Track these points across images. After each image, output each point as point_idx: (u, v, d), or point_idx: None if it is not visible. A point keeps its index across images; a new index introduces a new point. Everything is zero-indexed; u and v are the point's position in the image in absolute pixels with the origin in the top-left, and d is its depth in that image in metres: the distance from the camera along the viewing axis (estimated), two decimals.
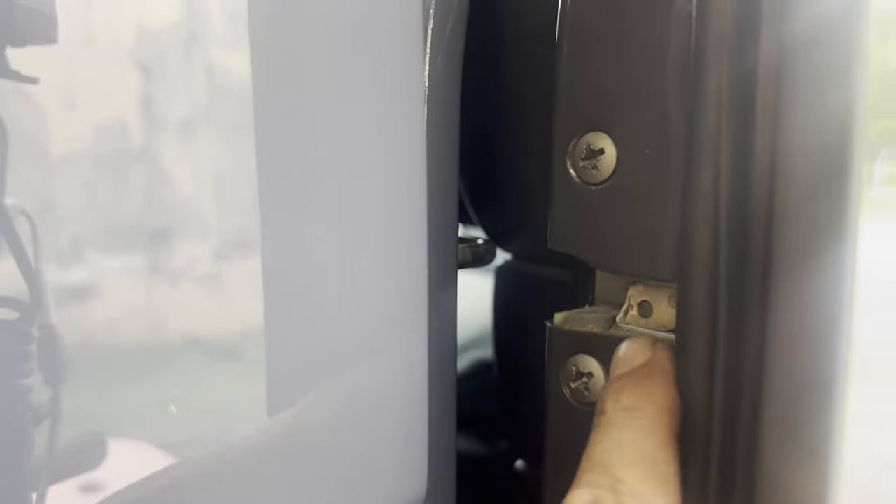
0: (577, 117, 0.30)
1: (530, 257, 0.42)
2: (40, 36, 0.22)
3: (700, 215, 0.26)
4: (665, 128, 0.28)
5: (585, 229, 0.30)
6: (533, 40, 0.36)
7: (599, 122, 0.29)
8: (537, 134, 0.37)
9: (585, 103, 0.30)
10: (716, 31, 0.25)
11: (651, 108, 0.28)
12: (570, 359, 0.31)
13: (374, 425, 0.29)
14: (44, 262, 0.22)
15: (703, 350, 0.26)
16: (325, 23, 0.27)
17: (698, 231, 0.26)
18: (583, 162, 0.30)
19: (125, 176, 0.24)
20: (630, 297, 0.31)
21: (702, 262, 0.26)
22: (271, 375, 0.27)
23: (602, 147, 0.29)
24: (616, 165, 0.29)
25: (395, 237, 0.30)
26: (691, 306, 0.27)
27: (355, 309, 0.29)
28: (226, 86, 0.25)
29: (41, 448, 0.22)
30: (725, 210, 0.26)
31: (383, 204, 0.29)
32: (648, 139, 0.28)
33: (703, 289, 0.26)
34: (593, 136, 0.29)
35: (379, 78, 0.29)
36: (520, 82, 0.38)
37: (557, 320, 0.32)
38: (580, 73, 0.30)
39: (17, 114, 0.22)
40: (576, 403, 0.31)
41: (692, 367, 0.27)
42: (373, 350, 0.29)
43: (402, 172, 0.29)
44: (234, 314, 0.26)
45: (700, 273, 0.26)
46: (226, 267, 0.26)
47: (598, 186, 0.29)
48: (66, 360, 0.23)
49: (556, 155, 0.31)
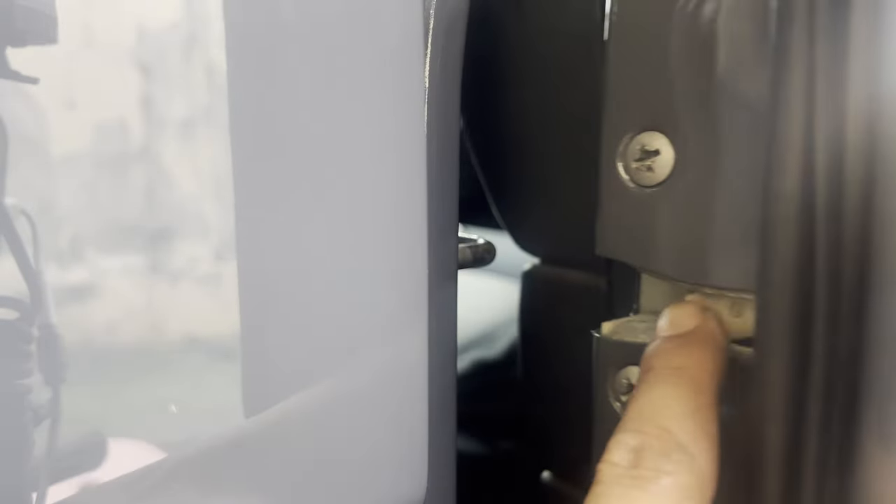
0: (629, 117, 0.28)
1: (560, 262, 0.40)
2: (40, 36, 0.22)
3: (786, 218, 0.24)
4: (731, 126, 0.26)
5: (638, 234, 0.29)
6: (569, 40, 0.35)
7: (654, 121, 0.28)
8: (568, 136, 0.36)
9: (639, 102, 0.28)
10: (801, 17, 0.23)
11: (715, 105, 0.26)
12: (620, 370, 0.29)
13: (374, 425, 0.29)
14: (44, 262, 0.22)
15: (791, 363, 0.24)
16: (324, 22, 0.27)
17: (784, 235, 0.24)
18: (636, 163, 0.28)
19: (125, 176, 0.24)
20: None
21: (790, 269, 0.24)
22: (271, 375, 0.27)
23: (657, 148, 0.28)
24: (674, 166, 0.27)
25: (395, 237, 0.30)
26: (777, 317, 0.24)
27: (355, 309, 0.29)
28: (226, 85, 0.25)
29: (41, 448, 0.22)
30: (822, 212, 0.23)
31: (383, 204, 0.29)
32: (711, 138, 0.27)
33: (793, 297, 0.24)
34: (648, 136, 0.28)
35: (379, 78, 0.29)
36: (549, 83, 0.37)
37: (606, 330, 0.30)
38: (632, 70, 0.28)
39: (17, 114, 0.22)
40: None
41: (778, 379, 0.24)
42: (373, 350, 0.29)
43: (402, 172, 0.29)
44: (234, 314, 0.26)
45: (788, 281, 0.24)
46: (226, 267, 0.26)
47: (653, 189, 0.28)
48: (66, 359, 0.23)
49: (604, 156, 0.29)
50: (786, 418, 0.24)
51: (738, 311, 0.28)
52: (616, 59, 0.28)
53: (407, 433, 0.30)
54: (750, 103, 0.26)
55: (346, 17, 0.28)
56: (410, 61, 0.30)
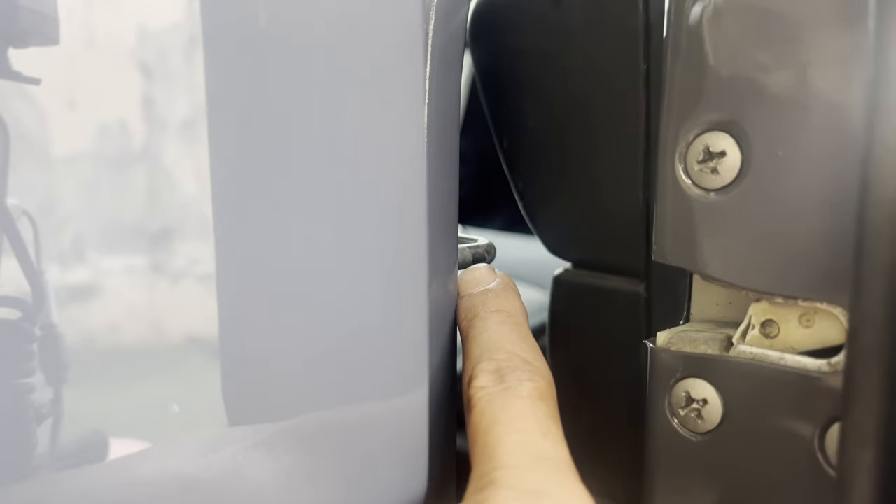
0: (691, 117, 0.27)
1: (594, 266, 0.38)
2: (42, 37, 0.22)
3: (885, 228, 0.22)
4: (808, 127, 0.25)
5: (700, 240, 0.27)
6: (612, 35, 0.34)
7: (720, 121, 0.26)
8: (603, 136, 0.35)
9: (702, 101, 0.26)
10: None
11: (789, 103, 0.25)
12: (679, 383, 0.28)
13: (374, 425, 0.29)
14: (45, 262, 0.22)
15: (889, 378, 0.22)
16: (324, 22, 0.27)
17: (884, 242, 0.22)
18: (699, 165, 0.27)
19: (127, 176, 0.24)
20: (751, 315, 0.28)
21: (891, 281, 0.22)
22: (270, 375, 0.27)
23: (723, 149, 0.26)
24: (741, 168, 0.26)
25: (394, 237, 0.30)
26: (874, 330, 0.22)
27: (355, 309, 0.29)
28: (226, 86, 0.26)
29: (43, 447, 0.22)
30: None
31: (383, 204, 0.29)
32: (784, 139, 0.25)
33: (893, 310, 0.22)
34: (712, 136, 0.26)
35: (378, 78, 0.29)
36: (590, 81, 0.35)
37: (661, 340, 0.29)
38: (696, 68, 0.26)
39: (19, 114, 0.22)
40: (686, 432, 0.28)
41: (873, 396, 0.23)
42: (372, 350, 0.29)
43: (402, 173, 0.30)
44: (233, 314, 0.26)
45: (889, 293, 0.22)
46: (226, 267, 0.26)
47: (718, 192, 0.26)
48: (67, 359, 0.23)
49: (662, 158, 0.27)
50: (880, 440, 0.22)
51: (809, 321, 0.27)
52: (677, 56, 0.27)
53: (407, 433, 0.30)
54: (825, 102, 0.24)
55: (345, 17, 0.28)
56: (410, 61, 0.30)
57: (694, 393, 0.28)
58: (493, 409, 0.28)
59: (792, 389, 0.26)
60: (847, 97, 0.24)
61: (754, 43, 0.25)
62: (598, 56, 0.34)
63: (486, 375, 0.29)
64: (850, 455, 0.23)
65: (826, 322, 0.27)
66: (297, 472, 0.28)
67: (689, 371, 0.28)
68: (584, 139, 0.36)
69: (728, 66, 0.26)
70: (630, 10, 0.32)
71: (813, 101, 0.25)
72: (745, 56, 0.26)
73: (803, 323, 0.27)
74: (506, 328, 0.31)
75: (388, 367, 0.30)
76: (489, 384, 0.29)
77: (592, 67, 0.34)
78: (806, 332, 0.27)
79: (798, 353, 0.27)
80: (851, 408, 0.23)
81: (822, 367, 0.26)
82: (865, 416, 0.23)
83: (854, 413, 0.23)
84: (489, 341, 0.30)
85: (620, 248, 0.35)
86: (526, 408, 0.28)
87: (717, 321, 0.30)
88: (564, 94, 0.36)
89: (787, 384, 0.26)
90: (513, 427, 0.27)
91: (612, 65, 0.33)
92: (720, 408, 0.28)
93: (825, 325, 0.27)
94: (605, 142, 0.35)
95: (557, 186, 0.38)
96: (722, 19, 0.26)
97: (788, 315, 0.27)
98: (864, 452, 0.23)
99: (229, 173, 0.25)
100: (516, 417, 0.27)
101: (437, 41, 0.30)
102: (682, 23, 0.27)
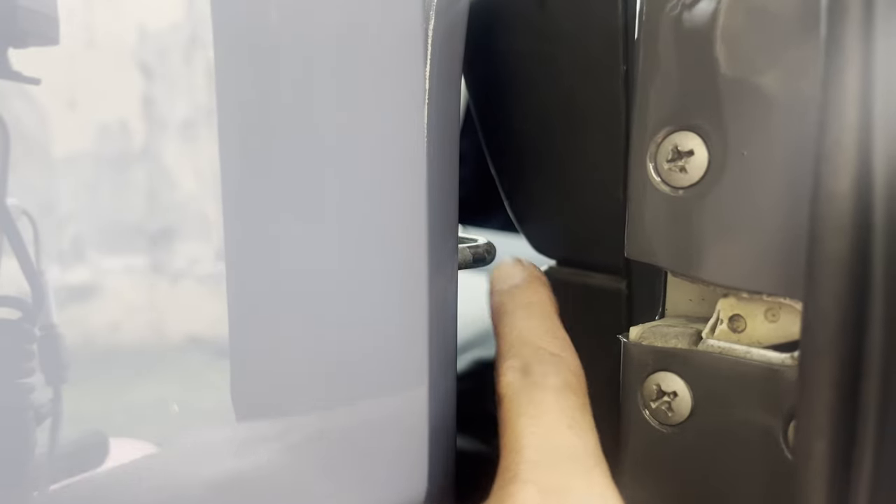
0: (660, 117, 0.27)
1: (577, 264, 0.39)
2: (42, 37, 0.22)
3: (839, 218, 0.22)
4: (769, 127, 0.25)
5: (670, 237, 0.28)
6: (593, 38, 0.34)
7: (687, 121, 0.27)
8: (584, 136, 0.35)
9: (671, 101, 0.27)
10: (857, 10, 0.22)
11: (752, 104, 0.25)
12: (650, 376, 0.29)
13: (374, 425, 0.29)
14: (45, 262, 0.22)
15: (841, 372, 0.23)
16: (324, 22, 0.27)
17: (837, 235, 0.22)
18: (668, 164, 0.27)
19: (127, 176, 0.24)
20: (719, 310, 0.28)
21: (843, 271, 0.22)
22: (270, 375, 0.27)
23: (691, 148, 0.27)
24: (708, 167, 0.27)
25: (394, 237, 0.30)
26: (826, 323, 0.23)
27: (354, 309, 0.29)
28: (227, 86, 0.26)
29: (42, 447, 0.22)
30: (881, 212, 0.22)
31: (383, 204, 0.29)
32: (748, 139, 0.26)
33: (846, 301, 0.22)
34: (681, 135, 0.27)
35: (378, 77, 0.29)
36: (571, 82, 0.36)
37: (633, 335, 0.30)
38: (664, 69, 0.27)
39: (19, 114, 0.22)
40: (657, 424, 0.29)
41: (825, 389, 0.23)
42: (372, 350, 0.29)
43: (402, 173, 0.29)
44: (234, 314, 0.26)
45: (841, 284, 0.23)
46: (226, 267, 0.26)
47: (686, 190, 0.27)
48: (67, 359, 0.23)
49: (634, 157, 0.28)
50: (833, 430, 0.23)
51: (774, 316, 0.28)
52: (647, 58, 0.28)
53: (407, 433, 0.30)
54: (787, 102, 0.25)
55: (345, 17, 0.28)
56: (411, 62, 0.30)
57: (664, 386, 0.29)
58: (518, 403, 0.29)
59: (757, 382, 0.27)
60: (803, 98, 0.25)
61: (719, 45, 0.26)
62: (581, 57, 0.35)
63: (513, 373, 0.30)
64: (804, 444, 0.24)
65: (790, 316, 0.27)
66: (297, 471, 0.28)
67: (659, 365, 0.29)
68: (567, 139, 0.36)
69: (694, 68, 0.27)
70: (610, 11, 0.33)
71: (773, 102, 0.25)
72: (710, 58, 0.26)
73: (769, 317, 0.28)
74: (533, 322, 0.32)
75: (389, 366, 0.30)
76: (515, 380, 0.30)
77: (575, 68, 0.35)
78: (771, 327, 0.27)
79: (764, 347, 0.27)
80: (806, 399, 0.23)
81: (785, 360, 0.27)
82: (819, 407, 0.23)
83: (808, 403, 0.23)
84: (516, 337, 0.31)
85: (602, 246, 0.36)
86: (552, 401, 0.28)
87: (690, 317, 0.31)
88: (547, 95, 0.36)
89: (752, 377, 0.27)
90: (537, 420, 0.28)
91: (593, 66, 0.34)
92: (690, 400, 0.28)
93: (789, 319, 0.27)
94: (587, 142, 0.35)
95: (541, 186, 0.39)
96: (688, 22, 0.27)
97: (755, 310, 0.28)
98: (818, 442, 0.23)
99: (229, 173, 0.25)
100: (541, 411, 0.28)
101: (437, 41, 0.30)
102: (652, 25, 0.28)
